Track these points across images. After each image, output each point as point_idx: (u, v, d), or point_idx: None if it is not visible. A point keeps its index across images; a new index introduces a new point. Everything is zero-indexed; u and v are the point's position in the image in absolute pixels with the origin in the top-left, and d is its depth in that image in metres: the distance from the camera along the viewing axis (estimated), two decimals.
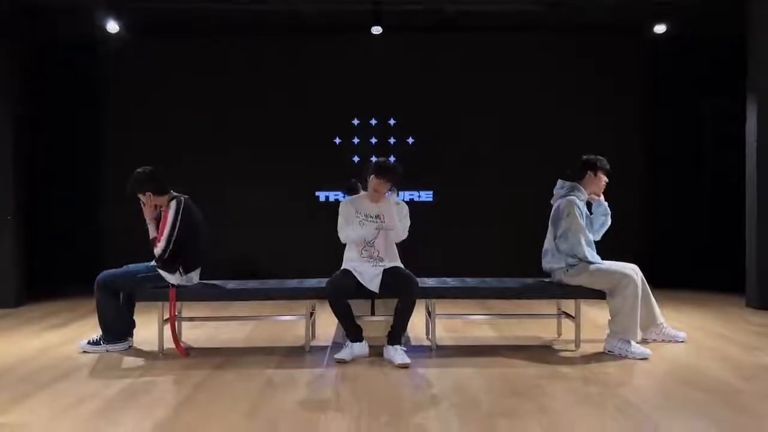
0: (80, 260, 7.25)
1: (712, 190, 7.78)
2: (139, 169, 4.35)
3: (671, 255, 7.58)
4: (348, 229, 4.29)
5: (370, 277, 4.17)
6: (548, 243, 4.38)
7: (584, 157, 4.45)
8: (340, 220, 4.33)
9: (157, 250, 4.19)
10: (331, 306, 4.11)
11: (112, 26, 6.72)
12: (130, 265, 4.45)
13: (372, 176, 4.27)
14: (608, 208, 4.46)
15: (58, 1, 6.43)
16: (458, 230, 7.53)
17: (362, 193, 4.52)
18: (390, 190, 4.39)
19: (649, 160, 7.80)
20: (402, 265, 4.32)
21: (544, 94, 7.62)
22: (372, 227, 4.28)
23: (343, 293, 4.11)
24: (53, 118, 7.64)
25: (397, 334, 4.09)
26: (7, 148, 6.22)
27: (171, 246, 4.18)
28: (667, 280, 6.70)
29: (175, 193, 4.36)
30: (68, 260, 7.35)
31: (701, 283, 7.03)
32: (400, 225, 4.29)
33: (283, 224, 7.49)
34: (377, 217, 4.29)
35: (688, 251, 7.62)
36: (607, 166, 4.42)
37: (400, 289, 4.14)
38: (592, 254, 4.26)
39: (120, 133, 7.61)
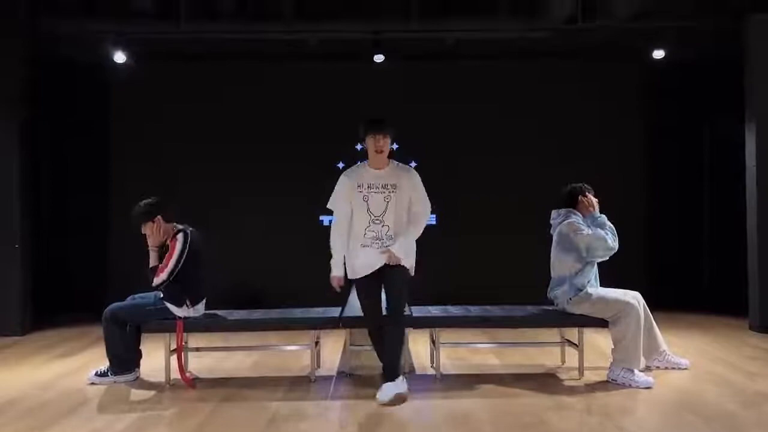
0: (86, 288, 7.31)
1: (715, 212, 7.80)
2: (145, 200, 4.43)
3: (675, 277, 7.60)
4: (338, 229, 3.88)
5: (373, 261, 3.82)
6: (554, 271, 4.42)
7: (568, 187, 4.52)
8: (333, 197, 3.89)
9: (158, 280, 4.25)
10: (372, 342, 4.08)
11: (119, 56, 6.82)
12: (137, 297, 4.51)
13: (368, 137, 3.80)
14: (604, 218, 4.44)
15: (65, 27, 6.50)
16: (461, 254, 7.56)
17: (360, 163, 4.01)
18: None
19: (652, 183, 7.85)
20: (407, 264, 3.87)
21: (546, 120, 7.68)
22: (380, 198, 3.77)
23: (378, 319, 3.85)
24: (57, 144, 7.72)
25: (388, 368, 3.79)
26: (13, 177, 6.28)
27: (172, 277, 4.23)
28: (670, 302, 6.72)
29: (179, 226, 4.42)
30: (74, 288, 7.40)
31: (704, 306, 7.05)
32: (422, 208, 3.83)
33: (287, 249, 7.54)
34: (385, 186, 3.78)
35: (692, 274, 7.64)
36: (587, 185, 4.51)
37: (387, 304, 3.85)
38: (614, 241, 4.27)
39: (124, 159, 7.68)
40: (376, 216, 3.77)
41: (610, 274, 4.54)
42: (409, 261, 3.95)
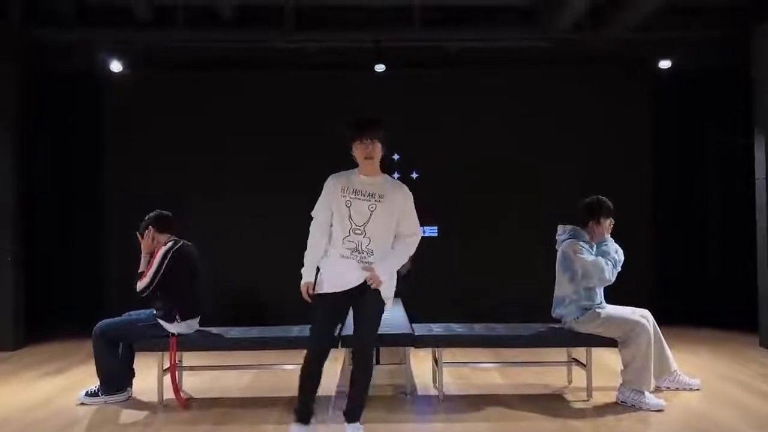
0: (80, 300, 7.15)
1: (724, 224, 7.63)
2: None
3: (681, 291, 7.43)
4: (314, 235, 3.46)
5: (351, 277, 3.35)
6: (558, 290, 4.27)
7: (586, 201, 4.30)
8: (318, 203, 3.50)
9: (140, 284, 4.14)
10: (306, 373, 3.37)
11: (116, 65, 6.70)
12: (132, 313, 4.37)
13: (355, 143, 3.40)
14: (610, 246, 4.20)
15: (60, 36, 6.40)
16: (464, 266, 7.41)
17: (353, 169, 3.54)
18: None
19: (659, 194, 7.69)
20: (385, 294, 3.38)
21: (549, 130, 7.54)
22: (363, 207, 3.36)
23: (327, 344, 3.38)
24: (52, 155, 7.58)
25: (352, 410, 3.40)
26: (7, 187, 6.16)
27: (154, 283, 4.12)
28: (676, 317, 6.55)
29: (174, 238, 4.31)
30: (69, 300, 7.24)
31: (712, 321, 6.87)
32: (410, 230, 3.39)
33: (286, 260, 7.34)
34: (371, 195, 3.38)
35: (699, 288, 7.47)
36: (611, 207, 4.26)
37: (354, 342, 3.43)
38: (615, 271, 4.11)
39: (120, 169, 7.53)
40: (357, 225, 3.35)
41: (615, 288, 4.37)
42: (388, 290, 3.45)
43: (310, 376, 3.37)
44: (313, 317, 3.42)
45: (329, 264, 3.42)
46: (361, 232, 3.36)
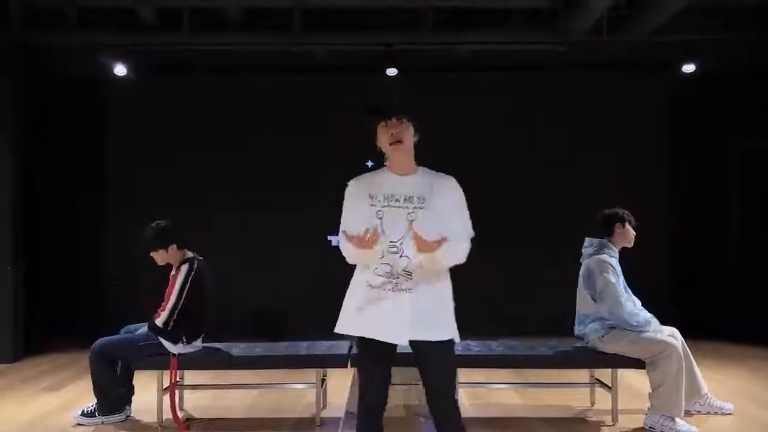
0: (82, 308, 6.96)
1: (745, 232, 7.35)
2: (158, 223, 4.06)
3: (702, 303, 7.15)
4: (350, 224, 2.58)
5: (390, 324, 2.51)
6: (580, 306, 4.03)
7: (607, 211, 4.11)
8: (344, 215, 2.69)
9: (160, 320, 3.88)
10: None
11: (120, 69, 6.52)
12: (131, 328, 4.16)
13: (379, 127, 2.65)
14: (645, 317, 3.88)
15: (61, 41, 6.24)
16: (476, 279, 7.13)
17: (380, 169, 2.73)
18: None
19: (676, 202, 7.43)
20: (452, 331, 2.65)
21: (566, 136, 7.29)
22: (400, 217, 2.55)
23: (383, 398, 2.67)
24: (52, 163, 7.41)
25: None
26: (5, 195, 5.99)
27: (175, 315, 3.88)
28: (695, 329, 6.27)
29: (190, 254, 4.08)
30: (69, 308, 7.04)
31: (734, 334, 6.58)
32: (459, 227, 2.61)
33: (294, 271, 7.17)
34: (409, 199, 2.58)
35: (719, 298, 7.20)
36: (633, 219, 4.09)
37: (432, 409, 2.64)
38: (632, 318, 3.83)
39: (121, 178, 7.35)
40: (392, 241, 2.50)
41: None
42: (450, 322, 2.69)
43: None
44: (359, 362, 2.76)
45: (355, 296, 2.62)
46: (397, 249, 2.52)
